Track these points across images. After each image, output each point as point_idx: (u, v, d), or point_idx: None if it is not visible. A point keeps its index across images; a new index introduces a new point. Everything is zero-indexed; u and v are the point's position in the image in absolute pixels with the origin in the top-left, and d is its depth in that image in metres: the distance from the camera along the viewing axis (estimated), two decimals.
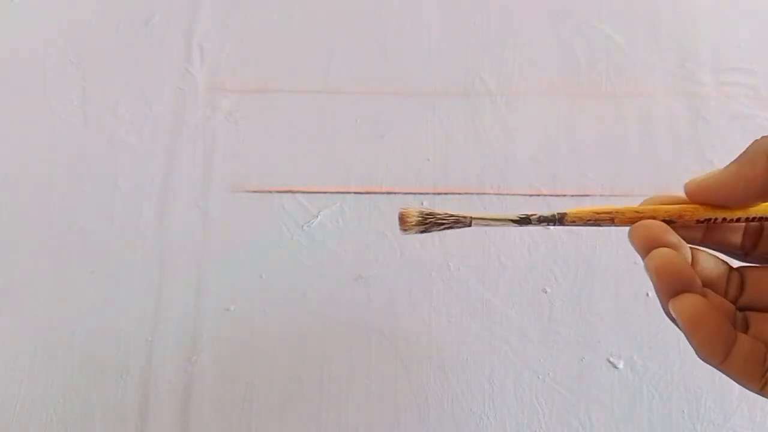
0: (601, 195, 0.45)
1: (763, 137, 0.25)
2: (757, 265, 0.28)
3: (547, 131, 0.47)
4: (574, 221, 0.28)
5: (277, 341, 0.42)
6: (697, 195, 0.27)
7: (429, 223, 0.29)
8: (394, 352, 0.41)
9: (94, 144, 0.47)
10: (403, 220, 0.29)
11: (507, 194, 0.45)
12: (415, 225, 0.29)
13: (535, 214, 0.28)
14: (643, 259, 0.27)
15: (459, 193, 0.45)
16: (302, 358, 0.41)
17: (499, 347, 0.41)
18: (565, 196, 0.45)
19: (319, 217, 0.44)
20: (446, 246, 0.44)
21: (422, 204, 0.45)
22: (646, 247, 0.26)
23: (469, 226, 0.28)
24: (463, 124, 0.47)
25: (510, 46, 0.50)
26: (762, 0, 0.52)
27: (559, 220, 0.28)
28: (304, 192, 0.45)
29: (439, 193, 0.45)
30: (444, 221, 0.29)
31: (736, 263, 0.28)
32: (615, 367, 0.41)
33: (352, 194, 0.45)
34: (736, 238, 0.28)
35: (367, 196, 0.45)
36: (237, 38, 0.50)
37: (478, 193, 0.45)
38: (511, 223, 0.28)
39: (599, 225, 0.28)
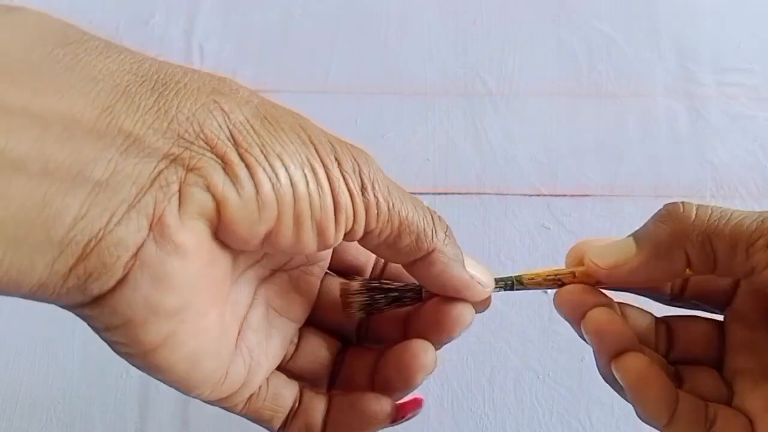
0: (601, 195, 0.45)
1: (674, 216, 0.24)
2: (682, 314, 0.28)
3: (547, 131, 0.47)
4: (529, 284, 0.27)
5: None
6: (606, 279, 0.25)
7: (372, 299, 0.26)
8: None
9: None
10: (344, 300, 0.26)
11: (507, 194, 0.45)
12: (359, 307, 0.26)
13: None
14: (573, 324, 0.26)
15: (459, 193, 0.45)
16: None
17: (499, 347, 0.41)
18: (565, 195, 0.45)
19: None
20: None
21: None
22: (577, 312, 0.26)
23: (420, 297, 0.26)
24: (463, 124, 0.47)
25: (510, 46, 0.50)
26: (762, 0, 0.52)
27: (514, 283, 0.27)
28: None
29: (439, 193, 0.45)
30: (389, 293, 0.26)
31: (659, 313, 0.28)
32: None
33: None
34: (665, 285, 0.27)
35: None
36: (237, 38, 0.50)
37: (478, 193, 0.45)
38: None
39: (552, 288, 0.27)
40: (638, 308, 0.27)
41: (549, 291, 0.42)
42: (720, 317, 0.27)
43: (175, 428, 0.40)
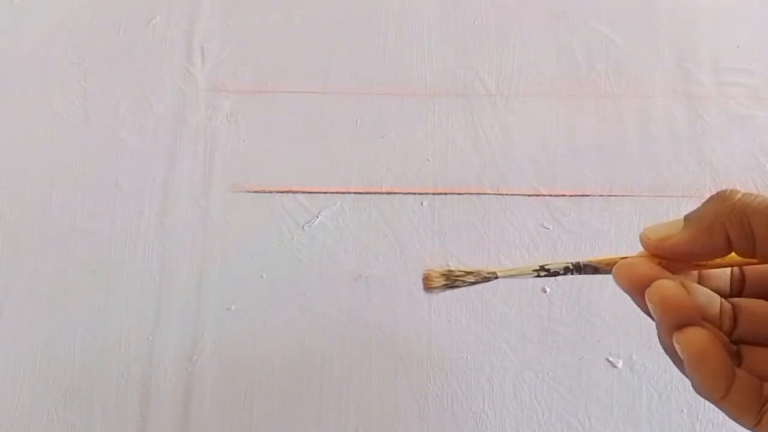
0: (600, 195, 0.45)
1: (719, 197, 0.25)
2: (748, 298, 0.28)
3: (547, 131, 0.47)
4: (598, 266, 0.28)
5: (277, 341, 0.42)
6: (654, 250, 0.27)
7: (453, 280, 0.29)
8: (394, 351, 0.41)
9: (95, 144, 0.47)
10: (427, 280, 0.29)
11: (507, 194, 0.45)
12: (440, 285, 0.29)
13: (551, 265, 0.29)
14: (632, 295, 0.27)
15: (459, 193, 0.45)
16: (302, 358, 0.41)
17: (499, 347, 0.42)
18: (564, 195, 0.45)
19: (319, 217, 0.45)
20: (446, 246, 0.44)
21: (422, 204, 0.45)
22: (637, 283, 0.26)
23: (496, 278, 0.29)
24: (463, 124, 0.47)
25: (510, 46, 0.50)
26: (762, 0, 0.52)
27: (579, 268, 0.28)
28: (304, 192, 0.45)
29: (439, 193, 0.45)
30: (467, 279, 0.29)
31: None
32: (614, 366, 0.41)
33: (352, 194, 0.45)
34: (725, 285, 0.29)
35: (367, 196, 0.45)
36: (238, 39, 0.50)
37: (477, 193, 0.45)
38: (533, 275, 0.29)
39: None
40: (702, 287, 0.28)
41: (548, 290, 0.43)
42: None
43: (175, 428, 0.40)
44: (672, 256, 0.26)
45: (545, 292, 0.43)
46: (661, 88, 0.49)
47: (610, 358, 0.41)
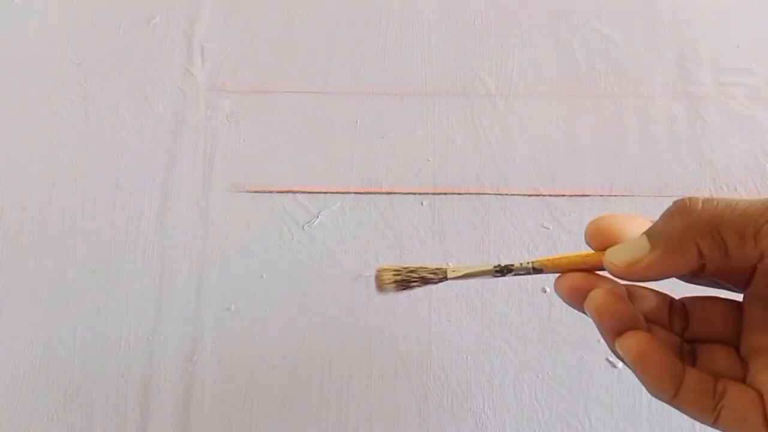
0: (600, 195, 0.45)
1: (682, 210, 0.24)
2: (701, 295, 0.28)
3: (547, 131, 0.47)
4: (551, 270, 0.28)
5: (277, 341, 0.42)
6: (624, 276, 0.26)
7: (405, 279, 0.29)
8: (394, 352, 0.41)
9: (95, 144, 0.47)
10: (378, 279, 0.29)
11: (506, 194, 0.45)
12: (392, 283, 0.29)
13: (512, 265, 0.28)
14: (576, 308, 0.27)
15: (459, 193, 0.45)
16: (302, 358, 0.41)
17: (499, 347, 0.42)
18: (563, 195, 0.45)
19: (319, 217, 0.45)
20: (446, 246, 0.44)
21: (422, 204, 0.45)
22: (577, 296, 0.26)
23: (446, 279, 0.28)
24: (463, 124, 0.47)
25: (510, 46, 0.50)
26: (762, 0, 0.52)
27: (535, 270, 0.28)
28: (304, 192, 0.45)
29: (439, 193, 0.45)
30: (419, 276, 0.28)
31: (678, 294, 0.28)
32: (614, 366, 0.41)
33: (352, 194, 0.45)
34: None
35: (367, 196, 0.45)
36: (238, 39, 0.50)
37: (477, 193, 0.45)
38: (490, 275, 0.28)
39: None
40: (649, 289, 0.28)
41: (548, 290, 0.43)
42: (739, 296, 0.27)
43: (175, 428, 0.40)
44: (645, 279, 0.26)
45: (545, 292, 0.43)
46: (661, 88, 0.49)
47: (610, 358, 0.41)
